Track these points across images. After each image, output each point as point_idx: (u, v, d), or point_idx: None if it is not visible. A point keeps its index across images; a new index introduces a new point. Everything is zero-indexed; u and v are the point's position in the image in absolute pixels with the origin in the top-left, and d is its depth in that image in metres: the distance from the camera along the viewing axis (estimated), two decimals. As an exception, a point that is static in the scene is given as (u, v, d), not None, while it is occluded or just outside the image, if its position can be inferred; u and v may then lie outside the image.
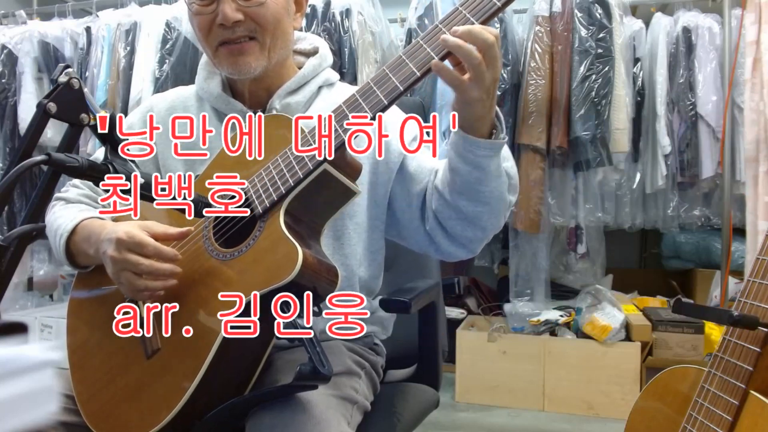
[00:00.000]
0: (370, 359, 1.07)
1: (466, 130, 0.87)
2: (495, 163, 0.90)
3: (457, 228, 0.98)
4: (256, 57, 0.99)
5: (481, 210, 0.95)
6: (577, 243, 2.86)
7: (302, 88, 1.07)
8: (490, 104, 0.85)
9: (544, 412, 2.58)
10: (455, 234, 0.99)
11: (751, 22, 2.27)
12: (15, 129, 3.14)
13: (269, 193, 0.86)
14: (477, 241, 1.01)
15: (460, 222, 0.97)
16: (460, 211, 0.96)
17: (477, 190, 0.93)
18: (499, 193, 0.94)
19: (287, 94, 1.05)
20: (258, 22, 0.98)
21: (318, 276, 0.82)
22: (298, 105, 1.05)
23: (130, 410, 0.85)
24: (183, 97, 1.12)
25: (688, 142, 2.59)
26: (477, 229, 0.98)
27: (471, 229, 0.98)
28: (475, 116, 0.85)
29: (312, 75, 1.08)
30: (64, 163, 0.68)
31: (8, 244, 0.66)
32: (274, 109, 1.04)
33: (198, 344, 0.81)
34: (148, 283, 0.84)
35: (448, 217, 0.98)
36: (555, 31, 2.55)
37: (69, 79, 0.71)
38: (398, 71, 0.82)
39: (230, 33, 0.98)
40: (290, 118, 0.92)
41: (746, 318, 1.09)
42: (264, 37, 0.99)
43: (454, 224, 0.98)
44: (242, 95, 1.07)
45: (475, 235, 0.99)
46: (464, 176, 0.91)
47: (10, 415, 0.43)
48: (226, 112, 1.06)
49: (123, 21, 3.01)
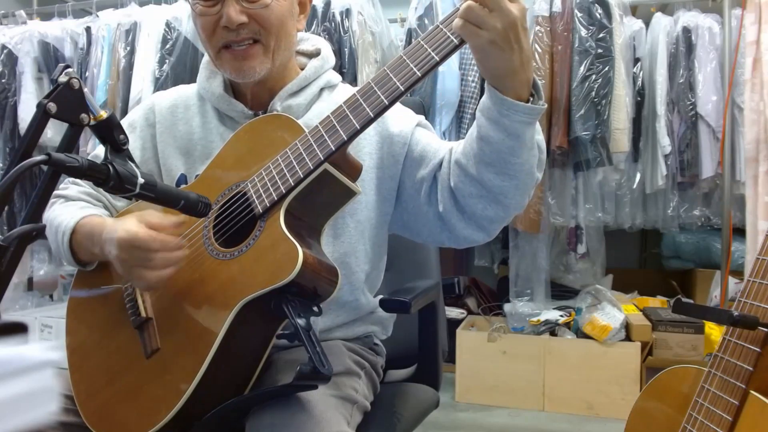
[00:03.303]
0: (370, 359, 1.07)
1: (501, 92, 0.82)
2: (530, 132, 0.86)
3: (477, 206, 0.93)
4: (260, 61, 0.98)
5: (508, 185, 0.90)
6: (577, 243, 2.86)
7: (304, 90, 1.06)
8: (519, 59, 0.78)
9: (544, 412, 2.58)
10: (475, 213, 0.94)
11: (751, 22, 2.27)
12: (15, 129, 3.14)
13: (269, 192, 0.86)
14: (497, 221, 0.96)
15: (482, 199, 0.92)
16: (485, 185, 0.90)
17: (507, 162, 0.87)
18: (530, 166, 0.89)
19: (289, 96, 1.05)
20: (262, 25, 0.97)
21: (318, 276, 0.82)
22: (300, 107, 1.05)
23: (130, 410, 0.85)
24: (185, 96, 1.12)
25: (688, 142, 2.59)
26: (500, 207, 0.93)
27: (493, 206, 0.93)
28: (501, 70, 0.79)
29: (314, 77, 1.07)
30: (64, 163, 0.68)
31: (8, 244, 0.66)
32: (275, 110, 1.04)
33: (198, 344, 0.81)
34: (161, 273, 0.84)
35: (468, 194, 0.93)
36: (555, 31, 2.55)
37: (69, 79, 0.71)
38: (399, 72, 0.82)
39: (234, 35, 0.96)
40: (290, 117, 0.92)
41: (746, 318, 1.09)
42: (268, 40, 0.98)
43: (475, 202, 0.93)
44: (244, 96, 1.06)
45: (497, 215, 0.94)
46: (496, 144, 0.86)
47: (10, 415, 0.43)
48: (228, 113, 1.06)
49: (123, 21, 3.01)
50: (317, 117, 0.92)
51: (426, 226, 1.02)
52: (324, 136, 0.85)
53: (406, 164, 1.03)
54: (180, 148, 1.07)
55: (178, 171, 1.05)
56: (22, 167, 0.64)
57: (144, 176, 0.75)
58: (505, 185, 0.90)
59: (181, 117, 1.09)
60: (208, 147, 1.05)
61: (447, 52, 0.79)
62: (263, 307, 0.81)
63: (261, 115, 1.01)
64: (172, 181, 1.05)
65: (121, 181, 0.72)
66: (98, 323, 0.95)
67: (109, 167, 0.71)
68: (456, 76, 2.57)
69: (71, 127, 0.73)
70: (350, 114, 0.84)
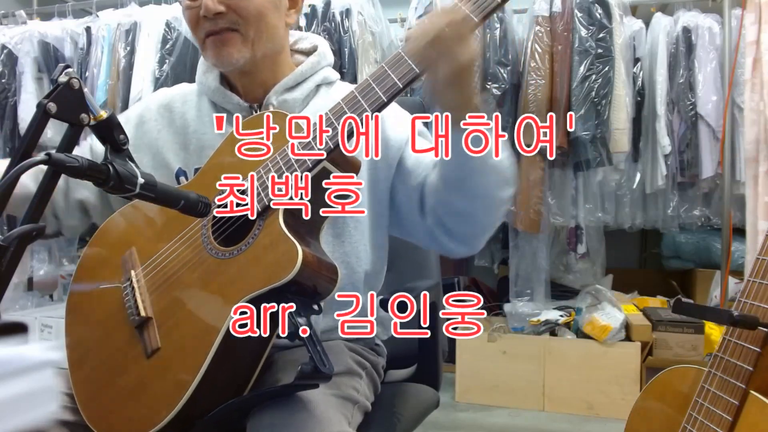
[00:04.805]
0: (371, 359, 1.07)
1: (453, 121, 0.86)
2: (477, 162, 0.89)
3: (452, 223, 0.98)
4: (238, 48, 1.00)
5: (472, 205, 0.94)
6: (577, 243, 2.86)
7: (300, 86, 1.07)
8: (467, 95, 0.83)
9: (544, 412, 2.58)
10: (452, 230, 0.99)
11: (751, 22, 2.27)
12: (15, 129, 3.14)
13: (268, 191, 0.86)
14: (474, 237, 1.00)
15: (455, 217, 0.97)
16: (454, 205, 0.95)
17: (465, 185, 0.92)
18: (486, 188, 0.93)
19: (284, 91, 1.06)
20: (239, 14, 0.98)
21: (318, 274, 0.82)
22: (296, 102, 1.06)
23: (131, 409, 0.85)
24: (184, 92, 1.13)
25: (688, 142, 2.59)
26: (470, 224, 0.98)
27: (464, 224, 0.97)
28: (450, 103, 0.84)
29: (310, 72, 1.08)
30: (64, 163, 0.67)
31: (8, 244, 0.66)
32: (271, 104, 1.05)
33: (198, 343, 0.81)
34: None
35: (444, 213, 0.97)
36: (555, 31, 2.55)
37: (69, 79, 0.71)
38: (397, 68, 0.82)
39: (213, 24, 0.99)
40: (287, 114, 0.92)
41: (746, 318, 1.09)
42: (246, 30, 0.99)
43: (450, 220, 0.97)
44: (237, 90, 1.08)
45: (471, 231, 0.99)
46: (451, 169, 0.91)
47: (10, 415, 0.43)
48: (223, 105, 1.07)
49: (123, 21, 3.01)
50: (314, 113, 0.93)
51: (419, 234, 1.05)
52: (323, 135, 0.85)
53: (399, 170, 1.04)
54: (177, 142, 1.08)
55: (175, 165, 1.06)
56: (22, 167, 0.64)
57: (144, 176, 0.75)
58: (469, 205, 0.94)
59: (178, 111, 1.10)
60: (202, 140, 1.06)
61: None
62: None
63: (260, 111, 1.02)
64: (171, 174, 1.05)
65: (121, 181, 0.72)
66: (97, 322, 0.94)
67: (109, 167, 0.71)
68: (456, 76, 2.57)
69: (71, 127, 0.73)
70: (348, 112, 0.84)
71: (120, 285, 0.94)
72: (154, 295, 0.90)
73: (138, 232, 0.98)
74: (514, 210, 2.62)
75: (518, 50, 2.65)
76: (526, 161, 2.58)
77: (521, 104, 2.58)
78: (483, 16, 0.81)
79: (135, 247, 0.96)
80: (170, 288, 0.88)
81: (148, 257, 0.93)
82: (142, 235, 0.97)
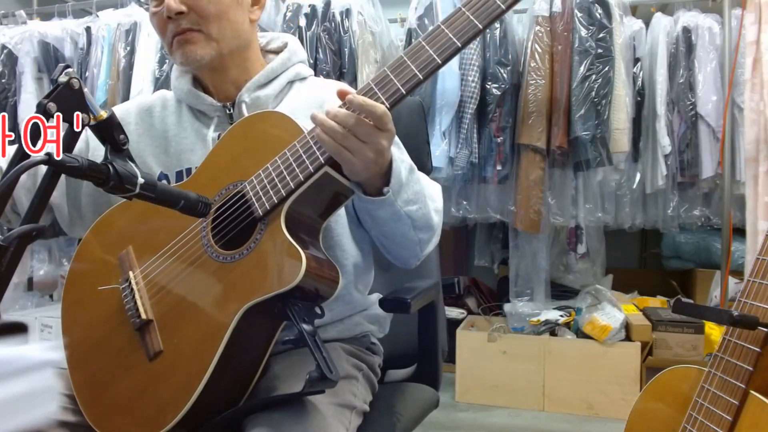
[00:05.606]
0: (367, 360, 1.07)
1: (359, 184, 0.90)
2: (387, 212, 0.92)
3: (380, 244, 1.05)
4: (202, 46, 1.01)
5: (389, 242, 1.01)
6: (577, 243, 2.86)
7: (272, 82, 1.08)
8: (375, 171, 0.86)
9: (544, 412, 2.58)
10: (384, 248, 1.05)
11: (751, 22, 2.27)
12: (15, 129, 3.13)
13: (269, 195, 0.85)
14: (402, 261, 1.05)
15: (379, 242, 1.04)
16: (375, 237, 1.03)
17: (377, 225, 0.98)
18: (399, 233, 0.97)
19: (257, 88, 1.06)
20: (200, 14, 1.00)
21: (321, 278, 0.82)
22: (268, 98, 1.07)
23: (135, 413, 0.84)
24: (164, 98, 1.14)
25: (688, 142, 2.59)
26: (392, 254, 1.05)
27: (388, 252, 1.05)
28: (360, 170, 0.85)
29: (281, 69, 1.09)
30: (64, 163, 0.67)
31: (8, 244, 0.66)
32: (244, 102, 1.05)
33: (202, 347, 0.81)
34: None
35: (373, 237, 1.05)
36: (555, 31, 2.55)
37: (69, 79, 0.71)
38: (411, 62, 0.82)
39: (177, 26, 1.00)
40: (287, 116, 0.92)
41: (746, 318, 1.09)
42: (208, 29, 1.01)
43: (377, 242, 1.05)
44: (209, 90, 1.08)
45: (398, 256, 1.05)
46: (361, 211, 0.98)
47: (10, 415, 0.43)
48: (198, 107, 1.08)
49: (123, 21, 3.01)
50: (287, 110, 0.93)
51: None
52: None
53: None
54: (157, 146, 1.09)
55: (156, 169, 1.07)
56: (22, 167, 0.64)
57: (144, 176, 0.75)
58: (386, 241, 1.02)
59: (158, 115, 1.11)
60: (181, 144, 1.07)
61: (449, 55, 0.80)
62: (266, 310, 0.81)
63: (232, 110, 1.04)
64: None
65: (121, 181, 0.72)
66: (97, 323, 0.94)
67: (109, 167, 0.71)
68: (456, 75, 2.57)
69: (71, 127, 0.73)
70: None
71: (119, 286, 0.94)
72: (155, 297, 0.90)
73: (133, 231, 0.98)
74: (514, 210, 2.62)
75: (518, 50, 2.65)
76: (526, 161, 2.58)
77: (521, 104, 2.58)
78: (487, 22, 0.81)
79: (131, 245, 0.95)
80: (170, 290, 0.88)
81: (145, 257, 0.93)
82: (138, 234, 0.97)
